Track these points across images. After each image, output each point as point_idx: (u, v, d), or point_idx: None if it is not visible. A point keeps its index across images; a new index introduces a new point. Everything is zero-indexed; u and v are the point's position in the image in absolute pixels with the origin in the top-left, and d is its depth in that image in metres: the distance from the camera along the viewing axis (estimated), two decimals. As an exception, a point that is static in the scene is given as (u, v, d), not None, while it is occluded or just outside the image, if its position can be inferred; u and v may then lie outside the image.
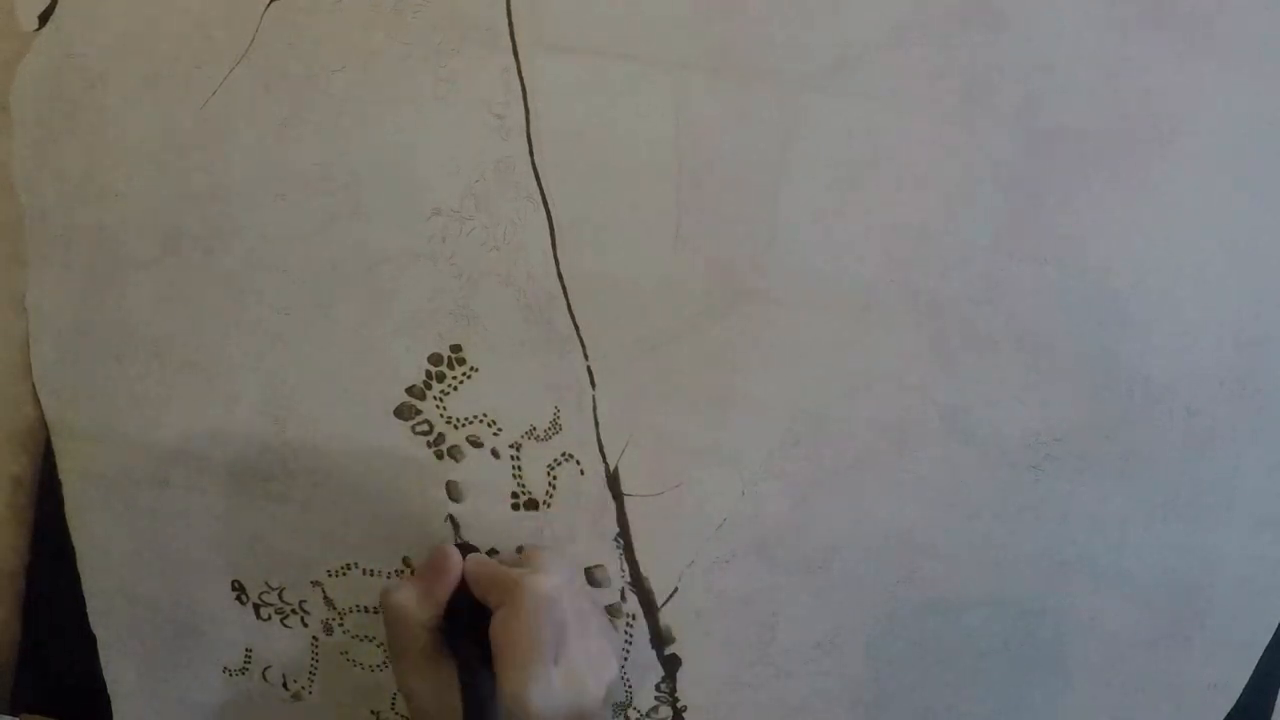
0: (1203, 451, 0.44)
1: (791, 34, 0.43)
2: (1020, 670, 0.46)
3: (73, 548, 0.50)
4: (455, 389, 0.47)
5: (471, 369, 0.47)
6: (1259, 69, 0.42)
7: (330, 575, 0.49)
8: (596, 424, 0.46)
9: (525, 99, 0.45)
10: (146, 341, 0.48)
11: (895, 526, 0.45)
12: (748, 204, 0.44)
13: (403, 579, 0.43)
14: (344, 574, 0.49)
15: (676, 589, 0.47)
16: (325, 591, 0.49)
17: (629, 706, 0.48)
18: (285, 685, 0.50)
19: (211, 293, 0.47)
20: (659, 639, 0.47)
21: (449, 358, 0.47)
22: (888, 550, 0.46)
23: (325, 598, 0.49)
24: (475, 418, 0.47)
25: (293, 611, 0.50)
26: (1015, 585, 0.45)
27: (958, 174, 0.43)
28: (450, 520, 0.47)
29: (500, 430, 0.47)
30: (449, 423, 0.47)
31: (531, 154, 0.45)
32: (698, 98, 0.44)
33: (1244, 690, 0.46)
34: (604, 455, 0.46)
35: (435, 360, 0.47)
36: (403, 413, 0.47)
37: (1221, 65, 0.42)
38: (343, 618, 0.49)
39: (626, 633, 0.47)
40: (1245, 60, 0.42)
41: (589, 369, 0.46)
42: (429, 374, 0.47)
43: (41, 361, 0.49)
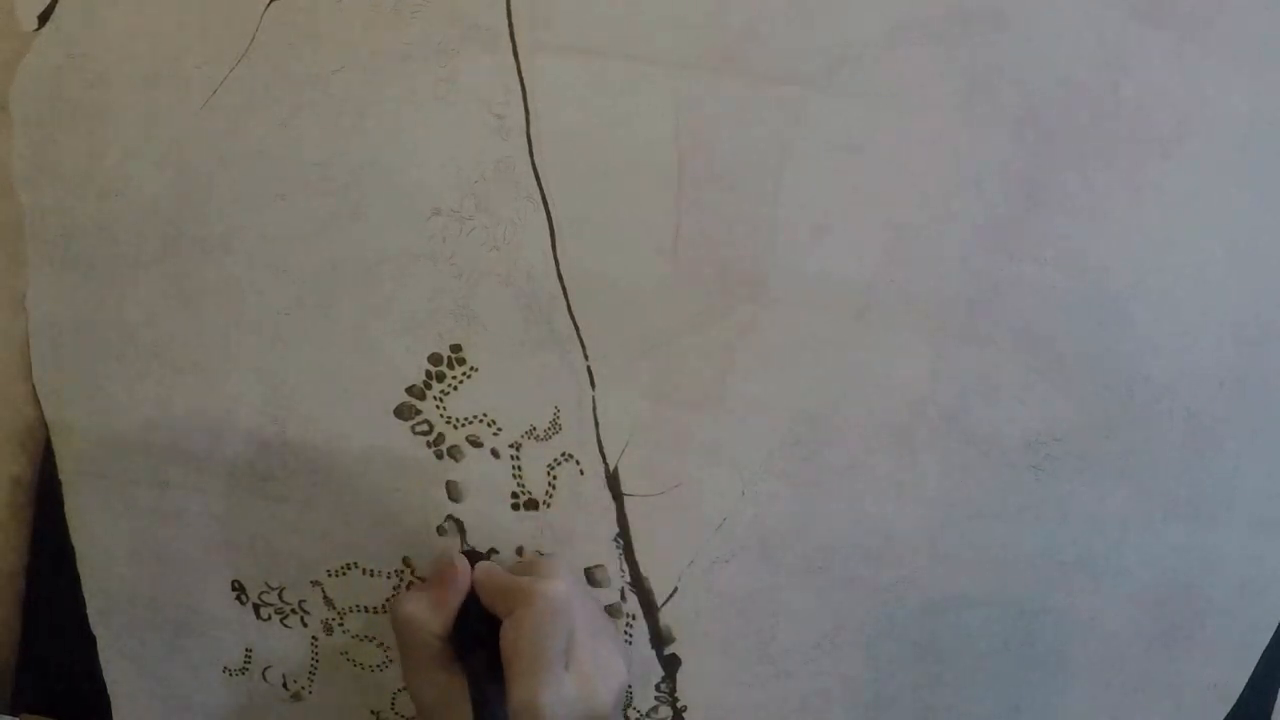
0: (1203, 451, 0.44)
1: (791, 34, 0.43)
2: (1020, 670, 0.46)
3: (73, 548, 0.50)
4: (455, 389, 0.47)
5: (471, 369, 0.47)
6: (1259, 69, 0.42)
7: (330, 575, 0.49)
8: (596, 424, 0.46)
9: (525, 99, 0.45)
10: (146, 341, 0.48)
11: (895, 526, 0.45)
12: (748, 204, 0.44)
13: (411, 589, 0.43)
14: (344, 574, 0.49)
15: (676, 589, 0.47)
16: (325, 591, 0.49)
17: (629, 706, 0.48)
18: (285, 685, 0.50)
19: (211, 293, 0.47)
20: (659, 639, 0.47)
21: (449, 358, 0.47)
22: (888, 550, 0.46)
23: (325, 598, 0.49)
24: (475, 418, 0.47)
25: (293, 611, 0.50)
26: (1015, 585, 0.45)
27: (958, 174, 0.43)
28: (457, 524, 0.47)
29: (500, 430, 0.47)
30: (449, 423, 0.47)
31: (531, 154, 0.45)
32: (698, 98, 0.44)
33: (1244, 690, 0.46)
34: (604, 455, 0.46)
35: (435, 360, 0.47)
36: (403, 413, 0.47)
37: (1221, 65, 0.42)
38: (343, 618, 0.49)
39: (626, 633, 0.47)
40: (1245, 60, 0.42)
41: (589, 369, 0.46)
42: (429, 374, 0.47)
43: (41, 361, 0.49)
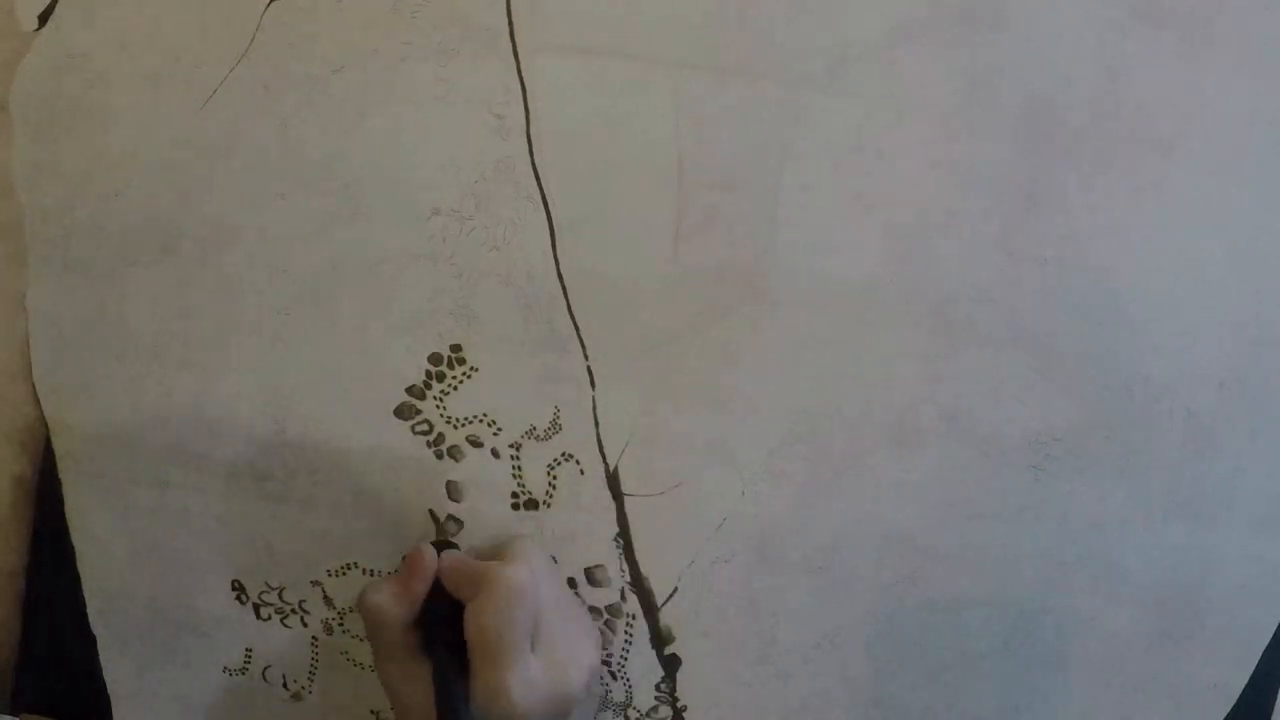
0: (1203, 451, 0.44)
1: (791, 34, 0.43)
2: (1020, 670, 0.46)
3: (73, 548, 0.50)
4: (455, 389, 0.47)
5: (471, 369, 0.47)
6: (1259, 69, 0.42)
7: (330, 575, 0.49)
8: (596, 424, 0.46)
9: (525, 99, 0.45)
10: (146, 341, 0.48)
11: (895, 526, 0.45)
12: (748, 204, 0.44)
13: (379, 579, 0.43)
14: (344, 574, 0.49)
15: (676, 589, 0.47)
16: (325, 591, 0.49)
17: (629, 706, 0.48)
18: (285, 685, 0.50)
19: (211, 293, 0.47)
20: (659, 639, 0.47)
21: (449, 358, 0.47)
22: (888, 550, 0.46)
23: (325, 598, 0.49)
24: (475, 418, 0.47)
25: (293, 611, 0.50)
26: (1015, 585, 0.45)
27: (958, 174, 0.43)
28: (430, 514, 0.47)
29: (500, 430, 0.47)
30: (449, 422, 0.47)
31: (531, 154, 0.45)
32: (698, 98, 0.44)
33: (1244, 690, 0.46)
34: (604, 455, 0.46)
35: (435, 360, 0.47)
36: (403, 413, 0.47)
37: (1221, 65, 0.42)
38: (343, 618, 0.49)
39: (626, 633, 0.48)
40: (1245, 60, 0.42)
41: (589, 369, 0.46)
42: (429, 374, 0.47)
43: (41, 361, 0.49)
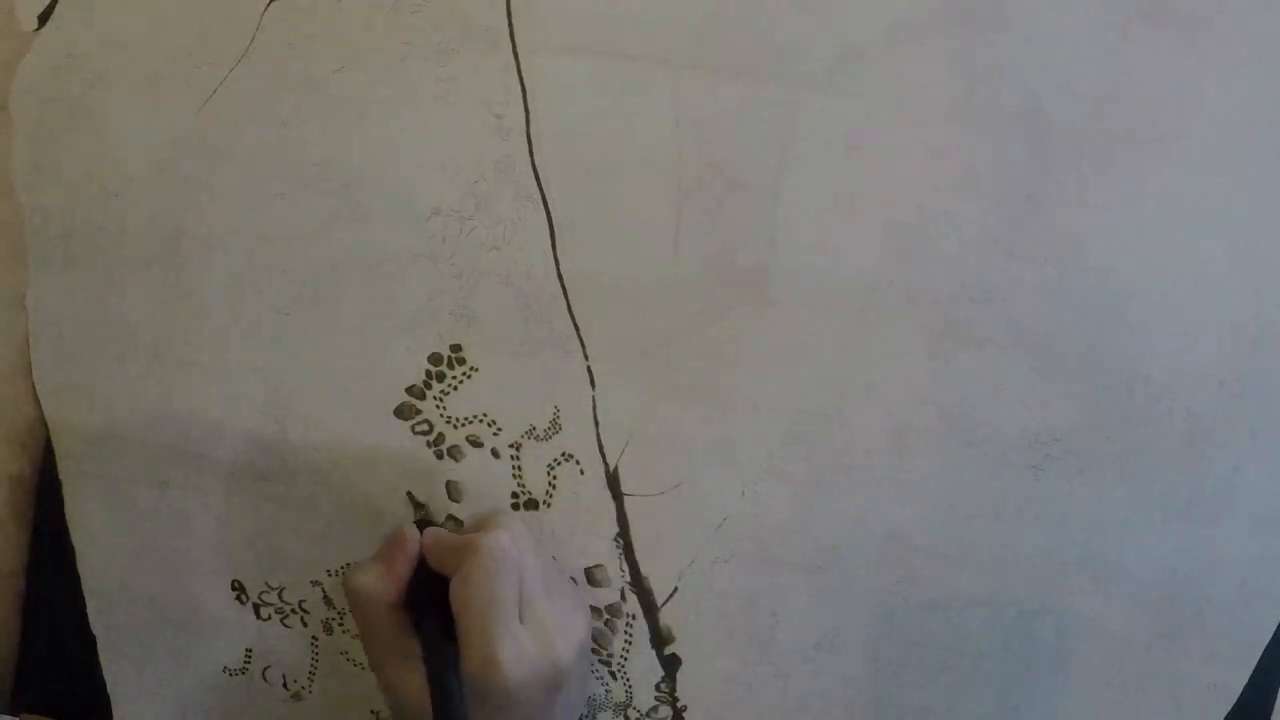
0: (1203, 451, 0.44)
1: (791, 34, 0.43)
2: (1020, 670, 0.46)
3: (73, 548, 0.50)
4: (455, 389, 0.47)
5: (471, 369, 0.47)
6: (1259, 69, 0.42)
7: (330, 575, 0.49)
8: (596, 424, 0.46)
9: (525, 99, 0.45)
10: (146, 341, 0.48)
11: (895, 526, 0.45)
12: (748, 204, 0.44)
13: (363, 561, 0.43)
14: (344, 574, 0.49)
15: (676, 589, 0.47)
16: (325, 591, 0.49)
17: (629, 706, 0.48)
18: (285, 685, 0.50)
19: (211, 293, 0.47)
20: (659, 639, 0.47)
21: (449, 358, 0.47)
22: (888, 550, 0.46)
23: (325, 597, 0.49)
24: (475, 418, 0.47)
25: (293, 611, 0.50)
26: (1015, 585, 0.45)
27: (958, 174, 0.43)
28: (409, 497, 0.47)
29: (500, 430, 0.47)
30: (449, 423, 0.47)
31: (531, 154, 0.45)
32: (698, 98, 0.44)
33: (1244, 690, 0.46)
34: (604, 455, 0.46)
35: (435, 360, 0.47)
36: (403, 413, 0.47)
37: (1221, 65, 0.42)
38: (343, 618, 0.49)
39: (626, 633, 0.47)
40: (1245, 60, 0.42)
41: (589, 369, 0.46)
42: (429, 374, 0.47)
43: (41, 361, 0.49)
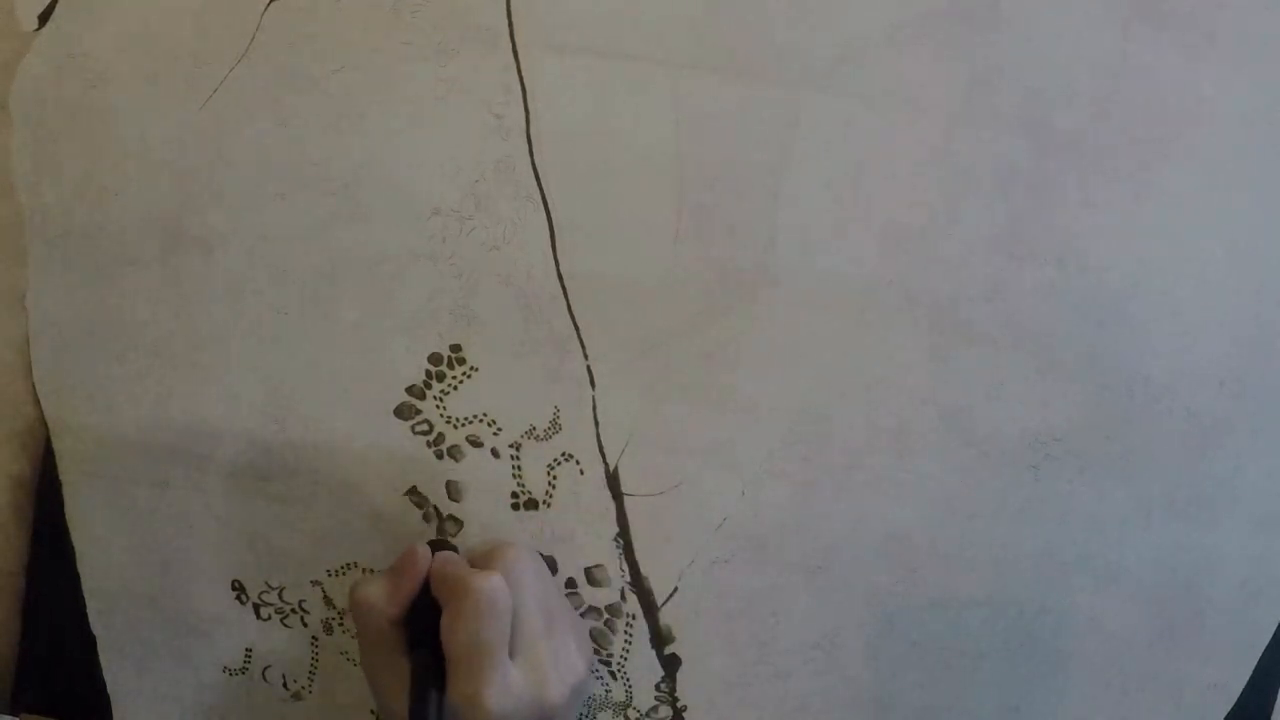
0: (1203, 451, 0.44)
1: (791, 34, 0.43)
2: (1020, 670, 0.46)
3: (73, 548, 0.50)
4: (455, 389, 0.47)
5: (471, 369, 0.47)
6: (1259, 69, 0.42)
7: (330, 575, 0.49)
8: (596, 424, 0.46)
9: (525, 99, 0.45)
10: (146, 341, 0.48)
11: (895, 526, 0.45)
12: (748, 204, 0.44)
13: (372, 574, 0.43)
14: (344, 574, 0.49)
15: (676, 589, 0.47)
16: (325, 591, 0.49)
17: (629, 706, 0.48)
18: (285, 685, 0.50)
19: (211, 293, 0.47)
20: (659, 639, 0.47)
21: (449, 358, 0.47)
22: (888, 550, 0.46)
23: (325, 597, 0.49)
24: (475, 417, 0.47)
25: (293, 611, 0.50)
26: (1015, 585, 0.45)
27: (958, 174, 0.43)
28: (436, 512, 0.47)
29: (500, 430, 0.47)
30: (449, 422, 0.47)
31: (531, 154, 0.45)
32: (698, 98, 0.44)
33: (1244, 690, 0.46)
34: (604, 455, 0.46)
35: (435, 360, 0.47)
36: (403, 412, 0.47)
37: (1222, 65, 0.42)
38: (343, 618, 0.49)
39: (626, 633, 0.48)
40: (1245, 60, 0.42)
41: (589, 369, 0.46)
42: (429, 374, 0.47)
43: (41, 361, 0.49)
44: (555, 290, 0.45)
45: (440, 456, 0.47)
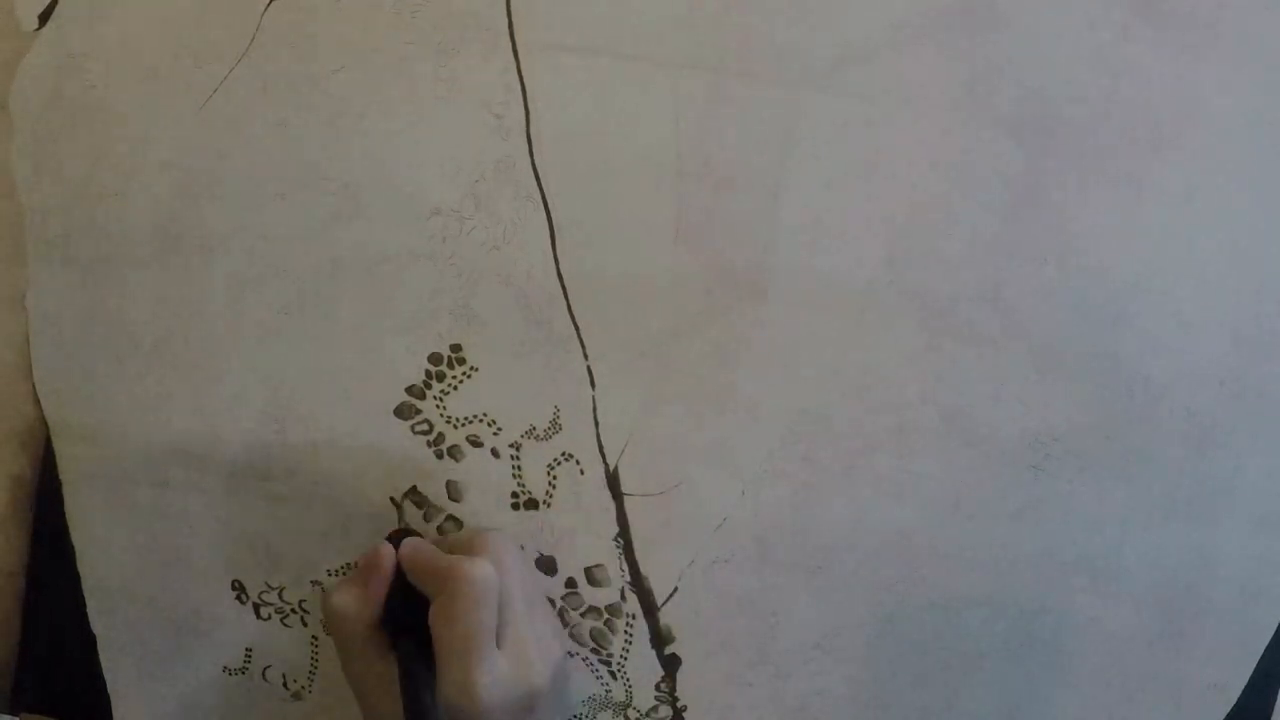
0: (1203, 451, 0.44)
1: (791, 34, 0.43)
2: (1020, 670, 0.46)
3: (73, 548, 0.50)
4: (455, 389, 0.47)
5: (471, 369, 0.47)
6: (1259, 69, 0.42)
7: (330, 575, 0.49)
8: (596, 424, 0.46)
9: (525, 99, 0.45)
10: (146, 341, 0.48)
11: (895, 526, 0.45)
12: (748, 204, 0.44)
13: (341, 580, 0.43)
14: (344, 574, 0.49)
15: (676, 589, 0.47)
16: (325, 591, 0.49)
17: (629, 706, 0.48)
18: (285, 685, 0.50)
19: (211, 293, 0.47)
20: (659, 639, 0.47)
21: (449, 357, 0.47)
22: (888, 550, 0.46)
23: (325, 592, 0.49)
24: (475, 417, 0.47)
25: (293, 611, 0.50)
26: (1015, 585, 0.45)
27: (958, 174, 0.43)
28: (392, 501, 0.47)
29: (500, 430, 0.47)
30: (449, 422, 0.47)
31: (531, 154, 0.45)
32: (698, 98, 0.44)
33: (1244, 690, 0.46)
34: (604, 455, 0.46)
35: (435, 360, 0.47)
36: (403, 412, 0.47)
37: (1221, 65, 0.42)
38: (343, 618, 0.49)
39: (626, 633, 0.48)
40: (1245, 60, 0.42)
41: (589, 369, 0.46)
42: (429, 374, 0.47)
43: (41, 361, 0.49)
44: (555, 290, 0.45)
45: (440, 456, 0.47)
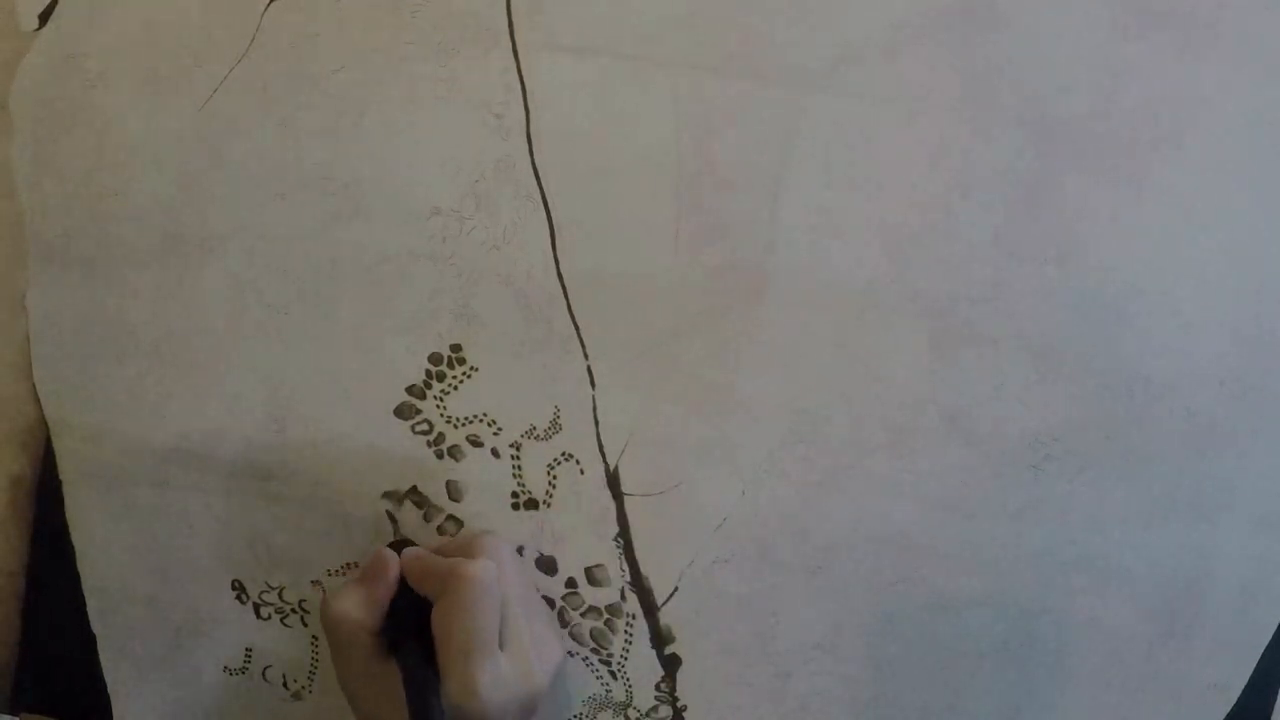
0: (1203, 451, 0.44)
1: (791, 34, 0.43)
2: (1020, 670, 0.46)
3: (73, 548, 0.50)
4: (455, 389, 0.47)
5: (471, 369, 0.47)
6: (1260, 69, 0.42)
7: (330, 575, 0.49)
8: (596, 424, 0.46)
9: (525, 99, 0.45)
10: (146, 341, 0.48)
11: (895, 526, 0.45)
12: (748, 204, 0.44)
13: (342, 586, 0.43)
14: (344, 574, 0.49)
15: (676, 589, 0.47)
16: (325, 591, 0.49)
17: (629, 706, 0.48)
18: (285, 685, 0.50)
19: (211, 293, 0.47)
20: (659, 639, 0.47)
21: (449, 357, 0.47)
22: (888, 550, 0.46)
23: (325, 597, 0.49)
24: (475, 417, 0.47)
25: (293, 611, 0.50)
26: (1015, 585, 0.45)
27: (958, 174, 0.43)
28: (389, 516, 0.47)
29: (500, 430, 0.47)
30: (449, 422, 0.47)
31: (531, 154, 0.45)
32: (698, 98, 0.44)
33: (1244, 690, 0.46)
34: (604, 455, 0.46)
35: (435, 360, 0.47)
36: (403, 412, 0.47)
37: (1222, 65, 0.42)
38: (343, 618, 0.49)
39: (626, 633, 0.48)
40: (1245, 60, 0.42)
41: (589, 369, 0.46)
42: (429, 374, 0.47)
43: (41, 361, 0.49)
44: (555, 290, 0.45)
45: (440, 456, 0.47)
